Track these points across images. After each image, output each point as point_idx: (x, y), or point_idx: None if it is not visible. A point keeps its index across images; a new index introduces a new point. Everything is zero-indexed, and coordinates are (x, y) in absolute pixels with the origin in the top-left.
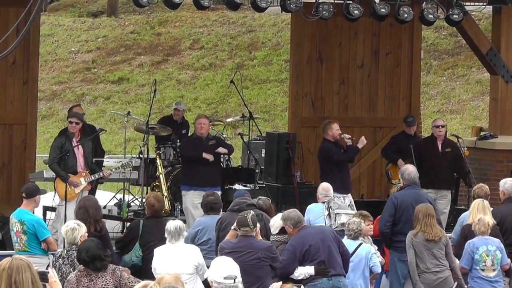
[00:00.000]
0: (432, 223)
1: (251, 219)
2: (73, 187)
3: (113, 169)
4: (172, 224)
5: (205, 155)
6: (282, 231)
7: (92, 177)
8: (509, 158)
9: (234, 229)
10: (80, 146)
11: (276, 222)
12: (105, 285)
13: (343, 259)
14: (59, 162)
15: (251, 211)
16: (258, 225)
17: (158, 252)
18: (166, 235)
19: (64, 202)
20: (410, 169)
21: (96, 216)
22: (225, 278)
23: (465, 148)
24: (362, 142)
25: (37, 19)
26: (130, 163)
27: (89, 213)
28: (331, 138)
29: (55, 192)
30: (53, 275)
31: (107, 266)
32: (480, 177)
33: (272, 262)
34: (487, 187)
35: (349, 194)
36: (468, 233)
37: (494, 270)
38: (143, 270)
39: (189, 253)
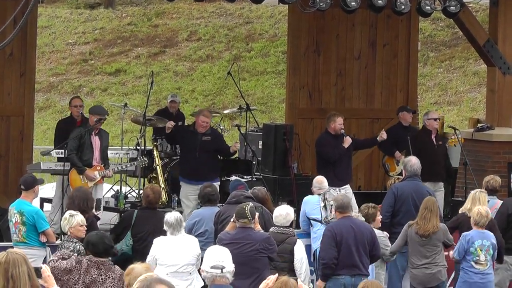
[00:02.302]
0: (428, 216)
1: (249, 211)
2: (86, 181)
3: (125, 165)
4: (171, 216)
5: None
6: (292, 224)
7: (105, 172)
8: (506, 149)
9: (233, 221)
10: (97, 139)
11: (288, 214)
12: (111, 286)
13: (371, 261)
14: (76, 153)
15: (250, 203)
16: (256, 215)
17: (159, 242)
18: (166, 228)
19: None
20: (413, 161)
21: (83, 207)
22: (211, 267)
23: (460, 136)
24: (348, 141)
25: (35, 10)
26: (145, 160)
27: (74, 203)
28: (332, 131)
29: (68, 183)
30: (46, 269)
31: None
32: (477, 168)
33: (270, 253)
34: (499, 178)
35: (348, 186)
36: (462, 221)
37: (486, 264)
38: (133, 260)
39: (191, 244)
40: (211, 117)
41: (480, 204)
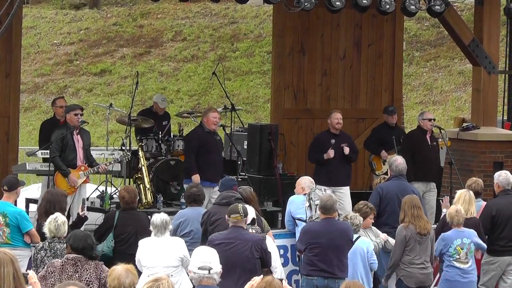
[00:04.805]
0: (419, 214)
1: (242, 208)
2: (71, 184)
3: (108, 163)
4: (157, 218)
5: (194, 177)
6: (253, 221)
7: (91, 171)
8: (491, 149)
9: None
10: (79, 139)
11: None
12: (89, 278)
13: None
14: (59, 155)
15: (241, 204)
16: (248, 216)
17: (143, 244)
18: (151, 228)
19: None
20: (399, 161)
21: (49, 210)
22: (199, 268)
23: (448, 139)
24: (329, 155)
25: (20, 11)
26: (128, 154)
27: (41, 205)
28: (331, 128)
29: (53, 184)
30: (32, 276)
31: (97, 257)
32: (462, 168)
33: (263, 255)
34: (481, 181)
35: (345, 188)
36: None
37: (467, 262)
38: (114, 262)
39: (174, 246)
40: (219, 112)
41: (470, 204)
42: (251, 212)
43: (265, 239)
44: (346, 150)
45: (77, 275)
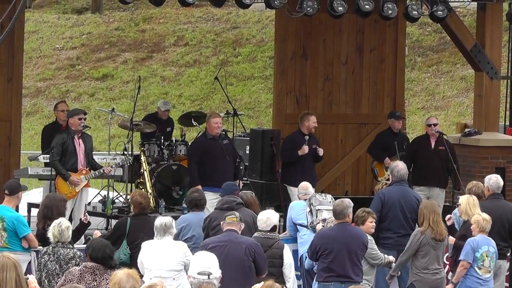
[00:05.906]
0: (438, 220)
1: (238, 214)
2: (73, 186)
3: (114, 165)
4: (158, 221)
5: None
6: (274, 228)
7: (93, 175)
8: (493, 154)
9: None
10: (81, 143)
11: (269, 219)
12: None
13: None
14: (60, 159)
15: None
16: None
17: (146, 246)
18: (155, 231)
19: None
20: (400, 166)
21: (48, 214)
22: (198, 273)
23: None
24: (303, 151)
25: (22, 15)
26: (130, 158)
27: (39, 210)
28: (305, 130)
29: (55, 188)
30: (32, 280)
31: (116, 266)
32: (464, 173)
33: (256, 259)
34: (481, 184)
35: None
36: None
37: (489, 272)
38: (131, 268)
39: (177, 249)
40: (221, 117)
41: (476, 207)
42: (275, 218)
43: (283, 248)
44: (321, 151)
45: (95, 283)
